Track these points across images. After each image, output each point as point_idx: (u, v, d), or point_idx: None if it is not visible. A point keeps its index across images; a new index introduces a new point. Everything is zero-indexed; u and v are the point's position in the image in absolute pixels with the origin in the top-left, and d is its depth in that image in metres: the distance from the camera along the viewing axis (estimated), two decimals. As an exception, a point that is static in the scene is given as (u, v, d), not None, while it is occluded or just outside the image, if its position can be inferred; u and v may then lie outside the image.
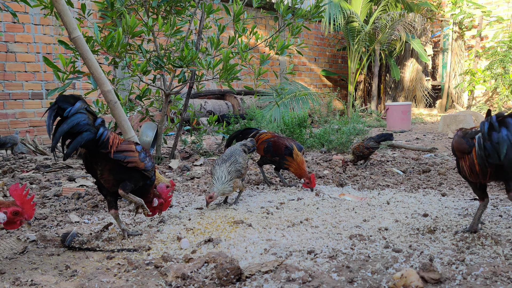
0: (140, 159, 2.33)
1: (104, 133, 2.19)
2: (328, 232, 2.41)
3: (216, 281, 1.77)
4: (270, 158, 3.74)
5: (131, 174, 2.33)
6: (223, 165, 3.01)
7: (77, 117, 2.08)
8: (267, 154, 3.72)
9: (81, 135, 2.10)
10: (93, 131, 2.14)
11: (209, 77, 4.44)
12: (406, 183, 3.78)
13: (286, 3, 4.72)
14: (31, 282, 1.80)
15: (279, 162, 3.70)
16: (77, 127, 2.08)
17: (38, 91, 7.28)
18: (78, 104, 2.10)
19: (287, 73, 4.94)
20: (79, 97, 2.15)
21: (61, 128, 2.04)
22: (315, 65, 13.36)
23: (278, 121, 7.09)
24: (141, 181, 2.41)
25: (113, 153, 2.21)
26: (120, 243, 2.33)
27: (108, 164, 2.26)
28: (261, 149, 3.75)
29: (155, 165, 2.57)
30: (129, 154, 2.28)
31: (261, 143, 3.76)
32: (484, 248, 2.05)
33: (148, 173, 2.41)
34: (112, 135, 2.25)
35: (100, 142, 2.18)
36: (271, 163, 3.81)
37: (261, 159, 3.87)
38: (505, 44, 11.68)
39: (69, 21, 3.28)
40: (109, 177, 2.30)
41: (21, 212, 1.85)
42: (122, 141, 2.32)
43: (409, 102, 9.55)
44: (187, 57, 4.05)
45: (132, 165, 2.29)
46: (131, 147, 2.32)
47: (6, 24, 6.83)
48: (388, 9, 12.02)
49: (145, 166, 2.36)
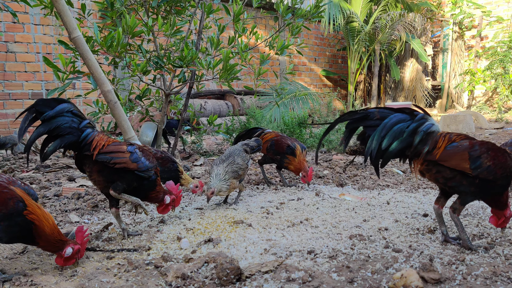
0: (131, 160, 2.30)
1: (89, 135, 2.19)
2: (328, 232, 2.41)
3: (216, 281, 1.77)
4: (272, 157, 3.75)
5: (122, 175, 2.31)
6: (221, 165, 3.01)
7: (57, 120, 2.08)
8: (269, 152, 3.74)
9: (60, 138, 2.10)
10: (76, 133, 2.14)
11: (209, 77, 4.44)
12: (406, 183, 3.78)
13: (286, 3, 4.72)
14: (31, 282, 1.80)
15: (280, 161, 3.70)
16: (56, 130, 2.09)
17: (38, 91, 7.27)
18: (59, 107, 2.10)
19: (287, 73, 4.94)
20: (63, 100, 2.15)
21: (36, 131, 2.05)
22: (315, 65, 13.35)
23: (278, 121, 7.09)
24: (134, 181, 2.37)
25: (96, 155, 2.19)
26: (120, 243, 2.33)
27: (96, 165, 2.25)
28: (264, 148, 3.77)
29: (156, 167, 2.52)
30: (117, 155, 2.25)
31: (265, 142, 3.78)
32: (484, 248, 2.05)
33: (144, 173, 2.37)
34: (99, 136, 2.23)
35: (82, 144, 2.18)
36: (272, 161, 3.82)
37: (263, 158, 3.89)
38: (505, 44, 11.68)
39: (69, 21, 3.28)
40: (98, 178, 2.30)
41: (81, 251, 1.97)
42: (112, 142, 2.29)
43: (409, 102, 9.56)
44: (187, 57, 4.05)
45: (120, 166, 2.26)
46: (121, 148, 2.29)
47: (6, 24, 6.82)
48: (388, 9, 12.01)
49: (138, 167, 2.32)
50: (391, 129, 1.98)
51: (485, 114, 11.57)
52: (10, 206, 1.80)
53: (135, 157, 2.33)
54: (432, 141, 2.01)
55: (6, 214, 1.79)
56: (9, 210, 1.79)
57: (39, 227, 1.84)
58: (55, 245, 1.90)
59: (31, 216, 1.83)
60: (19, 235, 1.84)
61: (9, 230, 1.81)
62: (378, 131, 2.00)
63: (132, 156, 2.32)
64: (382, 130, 1.99)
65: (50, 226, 1.87)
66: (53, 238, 1.88)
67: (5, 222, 1.79)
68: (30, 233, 1.84)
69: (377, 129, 2.00)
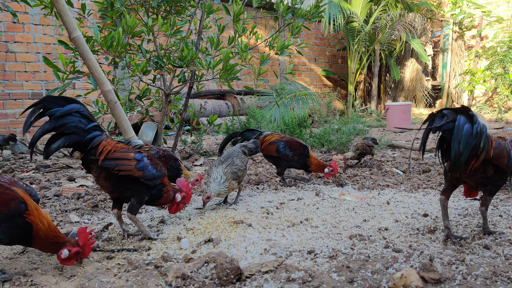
0: (137, 168, 2.25)
1: (96, 139, 2.16)
2: (328, 232, 2.41)
3: (216, 281, 1.77)
4: (287, 158, 3.64)
5: (128, 183, 2.27)
6: (220, 167, 3.00)
7: (64, 119, 2.07)
8: (281, 154, 3.62)
9: (65, 137, 2.09)
10: (82, 134, 2.12)
11: (209, 77, 4.44)
12: (406, 183, 3.78)
13: (286, 3, 4.72)
14: (31, 282, 1.80)
15: (299, 162, 3.65)
16: (62, 128, 2.07)
17: (38, 91, 7.28)
18: (69, 107, 2.09)
19: (287, 73, 4.94)
20: (73, 100, 2.13)
21: (42, 127, 2.03)
22: (315, 65, 13.35)
23: (278, 121, 7.09)
24: (143, 189, 2.33)
25: (101, 161, 2.17)
26: (120, 243, 2.33)
27: (103, 171, 2.22)
28: (273, 150, 3.64)
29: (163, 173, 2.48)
30: (123, 162, 2.22)
31: (270, 144, 3.67)
32: (484, 248, 2.05)
33: (151, 182, 2.33)
34: (106, 141, 2.20)
35: (88, 147, 2.16)
36: (287, 164, 3.70)
37: (281, 166, 3.72)
38: (505, 44, 11.68)
39: (69, 21, 3.28)
40: (105, 184, 2.27)
41: (81, 253, 1.92)
42: (120, 148, 2.26)
43: (409, 102, 9.55)
44: (187, 57, 4.05)
45: (124, 174, 2.23)
46: (127, 155, 2.25)
47: (6, 24, 6.83)
48: (388, 9, 12.01)
49: (143, 175, 2.28)
50: (464, 131, 1.97)
51: (485, 114, 11.57)
52: (12, 207, 1.78)
53: (141, 165, 2.28)
54: (488, 140, 2.08)
55: (8, 215, 1.78)
56: (11, 211, 1.78)
57: (34, 229, 1.83)
58: (50, 247, 1.88)
59: (30, 218, 1.82)
60: (19, 237, 1.83)
61: (10, 232, 1.80)
62: (458, 134, 1.97)
63: (139, 164, 2.27)
64: (459, 133, 1.97)
65: (45, 228, 1.85)
66: (47, 241, 1.86)
67: (7, 224, 1.78)
68: (29, 234, 1.83)
69: (457, 132, 1.97)
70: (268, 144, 3.70)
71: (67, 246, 1.89)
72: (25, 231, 1.82)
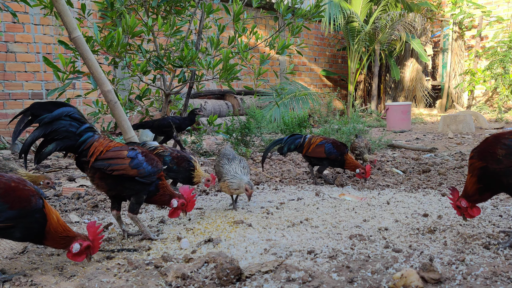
0: (131, 166, 2.22)
1: (87, 141, 2.15)
2: (328, 232, 2.41)
3: (216, 281, 1.77)
4: (335, 158, 3.73)
5: (126, 181, 2.26)
6: (233, 163, 2.97)
7: (54, 124, 2.06)
8: (330, 155, 3.71)
9: (56, 142, 2.08)
10: (73, 138, 2.12)
11: (209, 77, 4.44)
12: (406, 183, 3.78)
13: (286, 3, 4.72)
14: (31, 282, 1.80)
15: (341, 161, 3.75)
16: (52, 134, 2.07)
17: (38, 91, 7.28)
18: (58, 111, 2.08)
19: (287, 73, 4.95)
20: (63, 104, 2.12)
21: (32, 135, 2.03)
22: (315, 65, 13.36)
23: (278, 121, 7.09)
24: (141, 187, 2.31)
25: (93, 162, 2.16)
26: (120, 243, 2.33)
27: (97, 171, 2.22)
28: (321, 151, 3.72)
29: (161, 170, 2.45)
30: (115, 161, 2.20)
31: (317, 146, 3.74)
32: (484, 248, 2.05)
33: (146, 179, 2.29)
34: (99, 142, 2.19)
35: (80, 150, 2.15)
36: (329, 163, 3.80)
37: (324, 165, 3.83)
38: (505, 44, 11.69)
39: (69, 21, 3.28)
40: (101, 183, 2.26)
41: (91, 247, 1.94)
42: (112, 147, 2.23)
43: (409, 102, 9.56)
44: (187, 57, 4.05)
45: (118, 173, 2.21)
46: (120, 154, 2.22)
47: (6, 24, 6.83)
48: (388, 9, 12.02)
49: (138, 173, 2.24)
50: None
51: (485, 114, 11.57)
52: (33, 203, 1.82)
53: (135, 163, 2.24)
54: None
55: (30, 210, 1.81)
56: (32, 206, 1.82)
57: (47, 224, 1.86)
58: (60, 242, 1.90)
59: (46, 211, 1.85)
60: (34, 232, 1.85)
61: (29, 227, 1.83)
62: None
63: (132, 162, 2.24)
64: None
65: (55, 223, 1.88)
66: (57, 235, 1.88)
67: (27, 219, 1.81)
68: (43, 230, 1.86)
69: None
70: (315, 147, 3.77)
71: (78, 240, 1.91)
72: (41, 226, 1.85)
